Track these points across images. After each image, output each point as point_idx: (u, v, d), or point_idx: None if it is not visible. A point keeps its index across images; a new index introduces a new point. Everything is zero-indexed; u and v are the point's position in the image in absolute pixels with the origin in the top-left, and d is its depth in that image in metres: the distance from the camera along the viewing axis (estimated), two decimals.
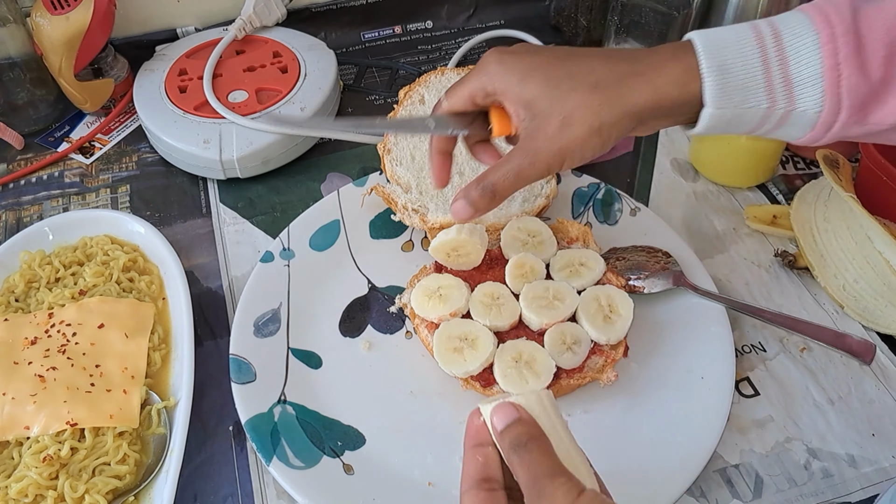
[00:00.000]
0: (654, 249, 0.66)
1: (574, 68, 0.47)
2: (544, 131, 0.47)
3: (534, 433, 0.39)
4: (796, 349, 0.62)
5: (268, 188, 0.76)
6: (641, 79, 0.46)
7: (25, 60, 0.79)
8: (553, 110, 0.47)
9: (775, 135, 0.47)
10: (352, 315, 0.64)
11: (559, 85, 0.47)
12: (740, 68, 0.44)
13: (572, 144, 0.47)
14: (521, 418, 0.39)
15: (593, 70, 0.47)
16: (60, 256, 0.66)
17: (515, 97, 0.48)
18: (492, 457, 0.40)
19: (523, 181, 0.49)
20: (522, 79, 0.48)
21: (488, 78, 0.49)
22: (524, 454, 0.38)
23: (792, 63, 0.44)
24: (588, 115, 0.46)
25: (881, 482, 0.54)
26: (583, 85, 0.46)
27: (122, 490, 0.53)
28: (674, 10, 0.76)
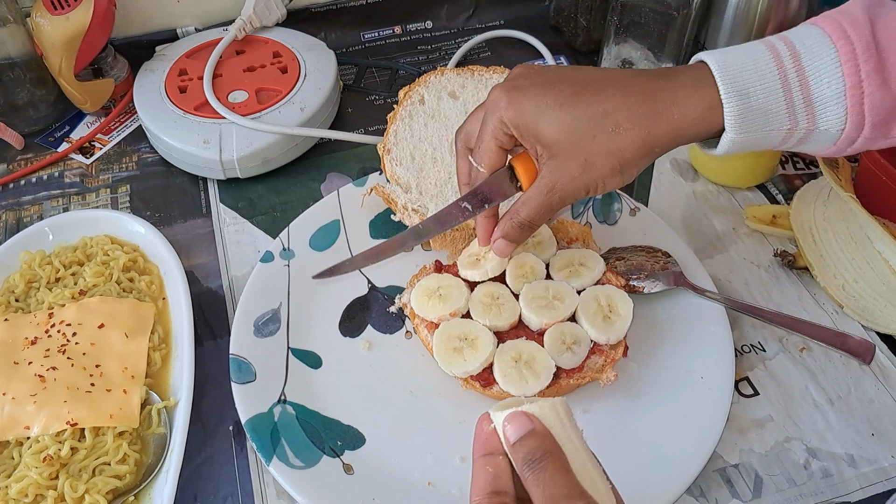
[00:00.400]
0: (653, 249, 0.66)
1: (590, 109, 0.46)
2: (567, 171, 0.47)
3: (549, 447, 0.37)
4: (796, 349, 0.62)
5: (268, 188, 0.76)
6: (661, 119, 0.45)
7: (25, 60, 0.79)
8: (574, 154, 0.47)
9: (796, 149, 0.47)
10: (352, 315, 0.64)
11: (578, 129, 0.46)
12: (760, 92, 0.44)
13: (594, 183, 0.48)
14: (536, 430, 0.37)
15: (611, 112, 0.46)
16: (60, 256, 0.66)
17: (533, 138, 0.48)
18: (503, 467, 0.38)
19: (554, 213, 0.50)
20: (537, 121, 0.47)
21: (505, 123, 0.49)
22: (539, 472, 0.36)
23: (813, 83, 0.43)
24: (609, 158, 0.46)
25: (880, 482, 0.54)
26: (603, 129, 0.46)
27: (122, 490, 0.53)
28: (673, 10, 0.76)
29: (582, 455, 0.37)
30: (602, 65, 0.85)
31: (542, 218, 0.51)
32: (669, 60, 0.80)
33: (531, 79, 0.49)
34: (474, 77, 0.75)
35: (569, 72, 0.50)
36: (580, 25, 0.91)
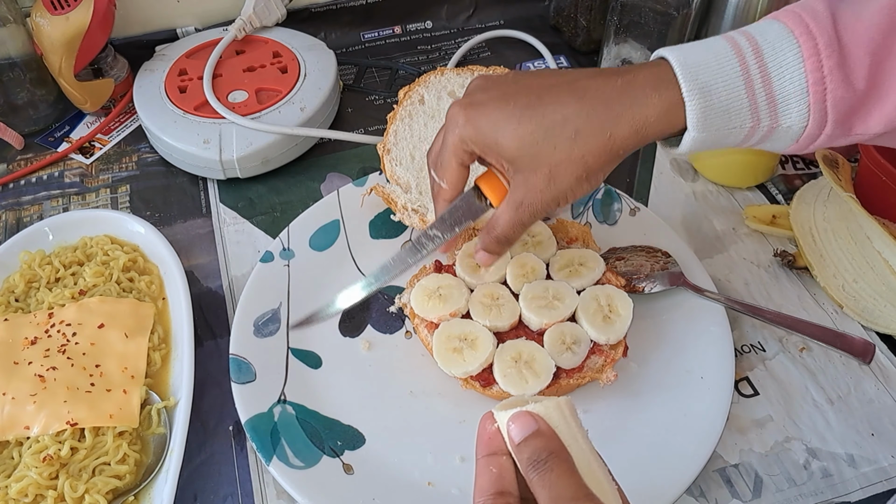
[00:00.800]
0: (653, 249, 0.66)
1: (548, 119, 0.45)
2: (533, 184, 0.47)
3: (554, 448, 0.36)
4: (796, 349, 0.62)
5: (268, 188, 0.76)
6: (622, 122, 0.44)
7: (25, 60, 0.79)
8: (537, 166, 0.46)
9: (758, 147, 0.47)
10: (351, 315, 0.64)
11: (537, 142, 0.45)
12: (723, 90, 0.43)
13: (562, 193, 0.47)
14: (541, 430, 0.37)
15: (568, 119, 0.45)
16: (60, 256, 0.66)
17: (495, 154, 0.47)
18: (507, 468, 0.38)
19: (528, 226, 0.50)
20: (496, 138, 0.46)
21: (464, 140, 0.48)
22: (544, 473, 0.35)
23: (775, 80, 0.42)
24: (573, 166, 0.45)
25: (880, 482, 0.54)
26: (562, 138, 0.45)
27: (122, 490, 0.53)
28: (673, 10, 0.76)
29: (587, 455, 0.37)
30: (602, 65, 0.85)
31: (517, 232, 0.50)
32: None
33: (488, 92, 0.48)
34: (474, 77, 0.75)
35: (525, 79, 0.48)
36: (580, 25, 0.91)
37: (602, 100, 0.45)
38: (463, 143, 0.49)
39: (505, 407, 0.39)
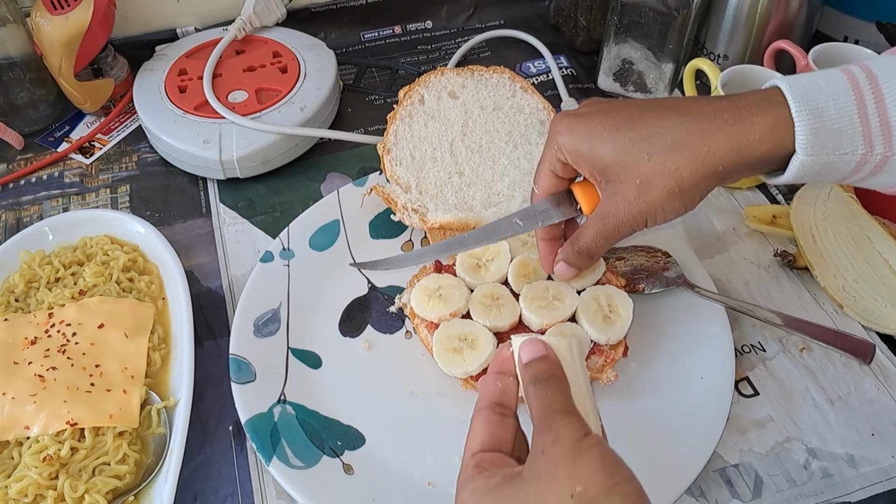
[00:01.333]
0: (653, 249, 0.66)
1: (646, 129, 0.45)
2: (623, 196, 0.46)
3: (555, 372, 0.40)
4: (796, 349, 0.62)
5: (268, 188, 0.76)
6: (723, 136, 0.43)
7: (25, 60, 0.79)
8: (629, 175, 0.45)
9: (867, 184, 0.44)
10: (352, 315, 0.64)
11: (632, 150, 0.45)
12: (834, 111, 0.41)
13: (652, 208, 0.45)
14: (547, 356, 0.40)
15: (668, 130, 0.44)
16: (60, 256, 0.66)
17: (589, 163, 0.47)
18: (511, 386, 0.42)
19: (612, 241, 0.49)
20: (592, 145, 0.46)
21: (559, 148, 0.48)
22: (542, 388, 0.39)
23: (890, 105, 0.41)
24: (666, 178, 0.44)
25: (881, 482, 0.54)
26: (658, 148, 0.44)
27: (122, 490, 0.53)
28: (673, 10, 0.76)
29: (583, 391, 0.41)
30: (602, 64, 0.85)
31: (600, 246, 0.50)
32: (669, 60, 0.80)
33: (593, 107, 0.48)
34: (474, 77, 0.75)
35: (632, 100, 0.49)
36: (580, 25, 0.90)
37: (704, 114, 0.44)
38: (557, 151, 0.49)
39: (523, 337, 0.42)
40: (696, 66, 0.77)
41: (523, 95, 0.74)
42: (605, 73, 0.85)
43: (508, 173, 0.68)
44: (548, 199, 0.53)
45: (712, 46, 0.85)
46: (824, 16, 0.87)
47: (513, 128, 0.71)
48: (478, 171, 0.68)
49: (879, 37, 0.86)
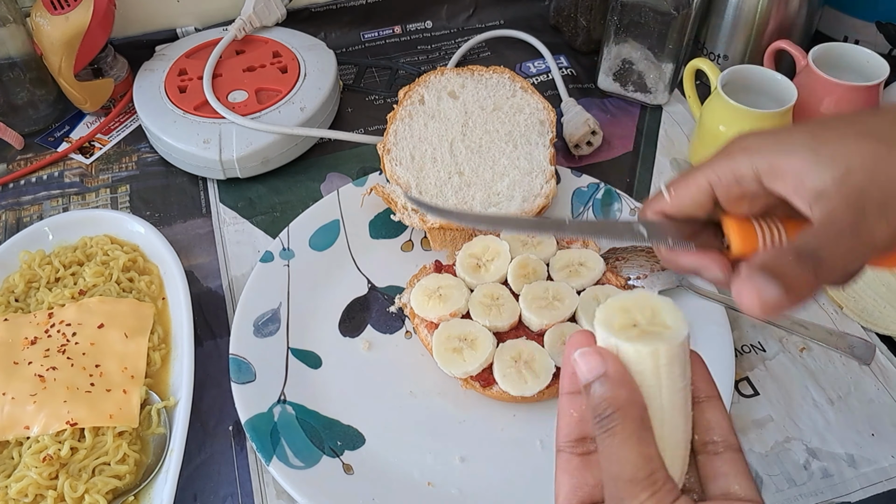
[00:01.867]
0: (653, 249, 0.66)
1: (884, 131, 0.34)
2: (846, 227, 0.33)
3: (621, 403, 0.30)
4: (796, 349, 0.62)
5: (268, 188, 0.76)
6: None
7: (25, 60, 0.79)
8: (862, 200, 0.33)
9: None
10: (351, 315, 0.64)
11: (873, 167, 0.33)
12: None
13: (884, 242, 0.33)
14: (608, 375, 0.30)
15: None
16: (60, 256, 0.66)
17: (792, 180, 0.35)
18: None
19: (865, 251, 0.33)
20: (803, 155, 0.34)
21: (743, 150, 0.36)
22: (606, 437, 0.30)
23: None
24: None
25: (881, 482, 0.54)
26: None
27: (122, 490, 0.53)
28: (673, 9, 0.76)
29: (669, 419, 0.30)
30: (602, 64, 0.85)
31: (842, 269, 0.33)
32: (669, 60, 0.80)
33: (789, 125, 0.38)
34: (474, 77, 0.75)
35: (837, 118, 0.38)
36: (580, 25, 0.90)
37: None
38: (743, 160, 0.36)
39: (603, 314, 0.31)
40: (696, 66, 0.77)
41: (523, 95, 0.74)
42: (605, 73, 0.86)
43: (508, 173, 0.68)
44: (680, 221, 0.39)
45: (712, 46, 0.85)
46: (824, 16, 0.87)
47: (513, 128, 0.71)
48: (478, 171, 0.68)
49: (879, 37, 0.86)
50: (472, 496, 0.53)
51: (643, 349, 0.30)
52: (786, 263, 0.32)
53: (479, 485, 0.53)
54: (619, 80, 0.85)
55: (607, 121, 0.83)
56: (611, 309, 0.32)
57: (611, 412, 0.30)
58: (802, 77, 0.74)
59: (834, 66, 0.73)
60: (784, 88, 0.72)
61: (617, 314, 0.32)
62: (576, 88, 0.88)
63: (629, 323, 0.32)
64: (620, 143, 0.81)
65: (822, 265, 0.32)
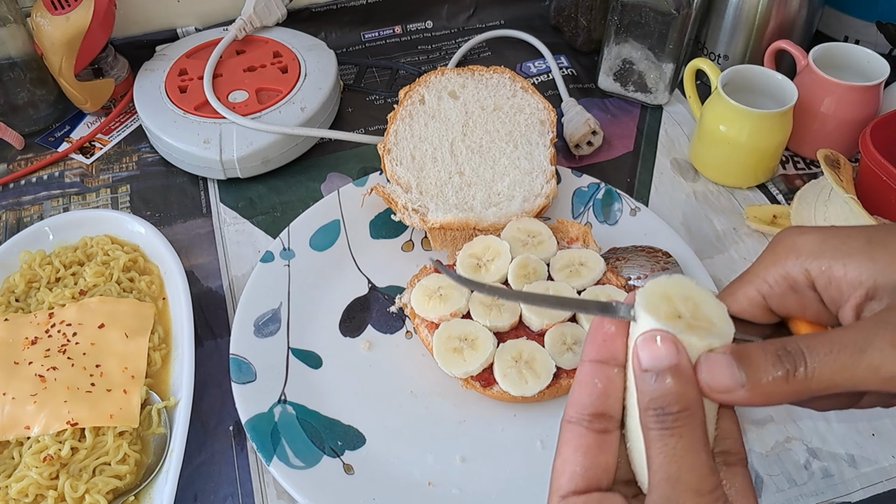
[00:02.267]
0: (654, 249, 0.66)
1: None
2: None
3: (690, 402, 0.28)
4: None
5: (268, 188, 0.76)
6: None
7: (26, 60, 0.79)
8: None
9: None
10: (352, 315, 0.64)
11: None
12: None
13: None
14: (681, 368, 0.27)
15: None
16: (61, 256, 0.66)
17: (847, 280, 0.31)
18: (616, 385, 0.29)
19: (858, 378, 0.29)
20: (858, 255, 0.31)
21: (797, 255, 0.32)
22: (667, 433, 0.27)
23: None
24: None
25: (881, 482, 0.54)
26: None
27: (123, 490, 0.53)
28: (674, 9, 0.76)
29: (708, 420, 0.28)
30: (602, 64, 0.85)
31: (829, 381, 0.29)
32: (670, 60, 0.80)
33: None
34: (475, 77, 0.75)
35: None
36: (580, 25, 0.90)
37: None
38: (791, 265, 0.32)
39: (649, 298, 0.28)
40: (697, 66, 0.77)
41: (524, 95, 0.74)
42: (605, 73, 0.86)
43: (509, 173, 0.68)
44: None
45: (713, 46, 0.85)
46: (824, 16, 0.87)
47: (513, 128, 0.71)
48: (478, 171, 0.68)
49: (880, 37, 0.86)
50: (473, 496, 0.53)
51: (698, 343, 0.28)
52: (762, 354, 0.29)
53: (479, 485, 0.53)
54: (619, 80, 0.85)
55: (608, 121, 0.83)
56: (654, 295, 0.29)
57: (678, 410, 0.28)
58: (803, 77, 0.74)
59: (834, 66, 0.73)
60: (784, 88, 0.72)
61: (661, 302, 0.29)
62: (576, 88, 0.88)
63: (674, 313, 0.29)
64: (621, 143, 0.81)
65: (800, 370, 0.29)
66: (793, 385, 0.29)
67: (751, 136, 0.70)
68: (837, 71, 0.72)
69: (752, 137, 0.70)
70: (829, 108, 0.72)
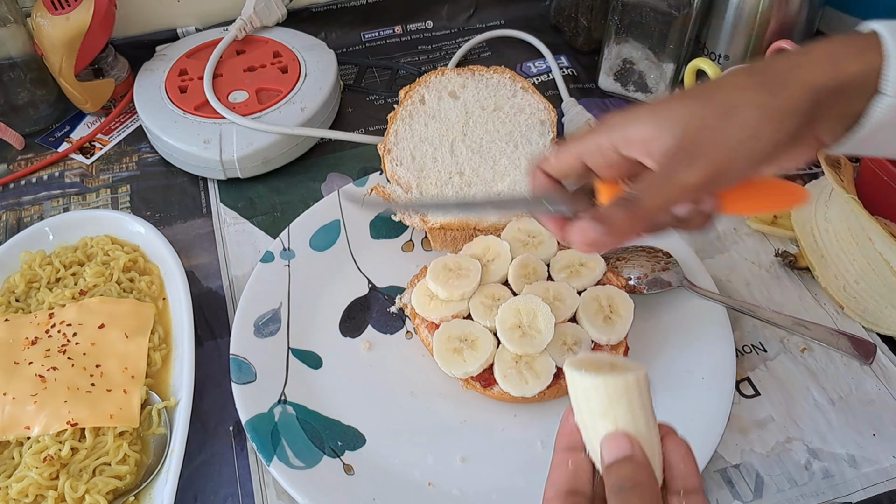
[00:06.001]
0: (654, 249, 0.66)
1: (722, 79, 0.40)
2: (704, 127, 0.39)
3: (643, 479, 0.35)
4: (797, 349, 0.62)
5: (268, 188, 0.76)
6: (811, 56, 0.38)
7: (26, 60, 0.79)
8: (708, 109, 0.39)
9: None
10: (352, 315, 0.64)
11: (712, 94, 0.40)
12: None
13: (739, 134, 0.38)
14: (633, 456, 0.35)
15: (748, 69, 0.40)
16: (61, 256, 0.66)
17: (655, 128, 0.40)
18: (583, 467, 0.37)
19: (676, 192, 0.40)
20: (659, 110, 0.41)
21: (607, 130, 0.42)
22: (626, 498, 0.34)
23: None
24: (754, 96, 0.38)
25: (882, 482, 0.54)
26: (742, 81, 0.39)
27: (123, 490, 0.53)
28: (674, 9, 0.76)
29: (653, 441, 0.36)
30: (602, 64, 0.85)
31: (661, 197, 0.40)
32: (670, 60, 0.80)
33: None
34: (475, 77, 0.75)
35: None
36: (581, 25, 0.90)
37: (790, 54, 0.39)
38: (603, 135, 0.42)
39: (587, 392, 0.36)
40: (697, 65, 0.77)
41: (524, 95, 0.74)
42: (605, 72, 0.85)
43: (509, 173, 0.68)
44: (559, 190, 0.46)
45: (713, 46, 0.85)
46: (825, 16, 0.87)
47: (513, 128, 0.71)
48: (478, 171, 0.68)
49: None
50: (473, 496, 0.53)
51: (620, 381, 0.36)
52: (608, 208, 0.40)
53: (479, 485, 0.53)
54: (619, 80, 0.85)
55: None
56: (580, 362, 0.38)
57: (632, 485, 0.34)
58: None
59: None
60: None
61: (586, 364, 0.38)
62: (576, 88, 0.88)
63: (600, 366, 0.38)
64: None
65: (638, 206, 0.40)
66: (637, 217, 0.40)
67: None
68: None
69: None
70: None
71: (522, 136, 0.71)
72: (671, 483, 0.37)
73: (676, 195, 0.40)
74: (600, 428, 0.37)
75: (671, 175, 0.40)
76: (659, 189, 0.40)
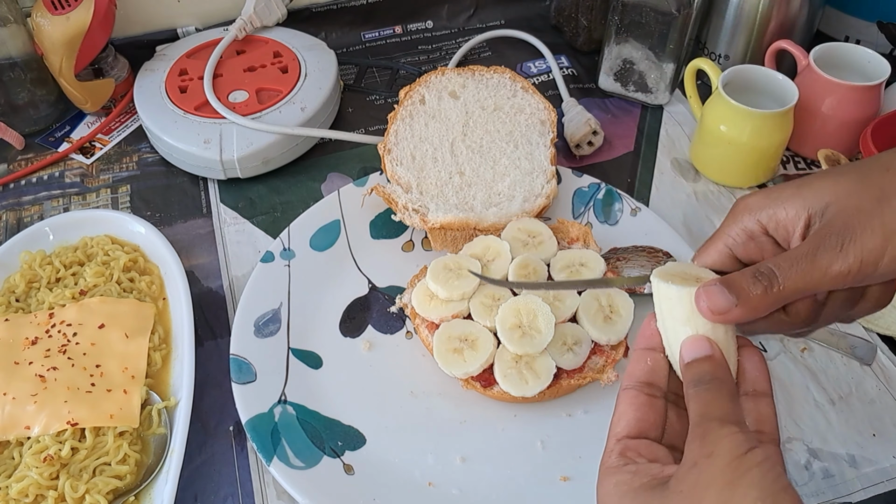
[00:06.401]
0: (654, 249, 0.66)
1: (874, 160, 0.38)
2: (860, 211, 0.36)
3: (719, 374, 0.36)
4: (797, 349, 0.62)
5: (268, 188, 0.76)
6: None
7: (26, 60, 0.79)
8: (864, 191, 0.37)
9: None
10: (352, 315, 0.64)
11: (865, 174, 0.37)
12: None
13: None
14: (712, 356, 0.36)
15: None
16: (61, 256, 0.66)
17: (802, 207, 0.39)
18: (661, 364, 0.39)
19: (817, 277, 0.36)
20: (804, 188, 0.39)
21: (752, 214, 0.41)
22: (703, 391, 0.35)
23: None
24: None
25: (882, 482, 0.54)
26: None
27: (123, 490, 0.53)
28: (674, 9, 0.76)
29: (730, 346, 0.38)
30: (603, 64, 0.85)
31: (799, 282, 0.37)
32: (670, 60, 0.80)
33: None
34: (475, 77, 0.75)
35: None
36: (581, 25, 0.90)
37: None
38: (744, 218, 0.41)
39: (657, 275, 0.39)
40: (697, 66, 0.77)
41: (524, 95, 0.74)
42: (605, 72, 0.85)
43: (509, 173, 0.68)
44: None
45: (713, 46, 0.85)
46: (825, 16, 0.87)
47: (514, 128, 0.71)
48: (478, 171, 0.68)
49: (880, 37, 0.86)
50: (473, 496, 0.53)
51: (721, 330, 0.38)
52: (743, 279, 0.37)
53: (479, 485, 0.53)
54: (620, 80, 0.85)
55: (608, 121, 0.83)
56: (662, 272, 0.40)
57: (709, 379, 0.36)
58: (803, 77, 0.74)
59: (835, 66, 0.72)
60: (785, 88, 0.72)
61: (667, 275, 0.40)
62: (577, 88, 0.88)
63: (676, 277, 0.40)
64: (621, 143, 0.81)
65: (775, 284, 0.37)
66: (771, 296, 0.37)
67: (751, 136, 0.70)
68: (838, 71, 0.72)
69: (753, 137, 0.70)
70: (829, 108, 0.72)
71: (522, 136, 0.71)
72: (743, 385, 0.39)
73: (817, 281, 0.37)
74: (681, 333, 0.38)
75: (816, 258, 0.36)
76: (801, 271, 0.37)
